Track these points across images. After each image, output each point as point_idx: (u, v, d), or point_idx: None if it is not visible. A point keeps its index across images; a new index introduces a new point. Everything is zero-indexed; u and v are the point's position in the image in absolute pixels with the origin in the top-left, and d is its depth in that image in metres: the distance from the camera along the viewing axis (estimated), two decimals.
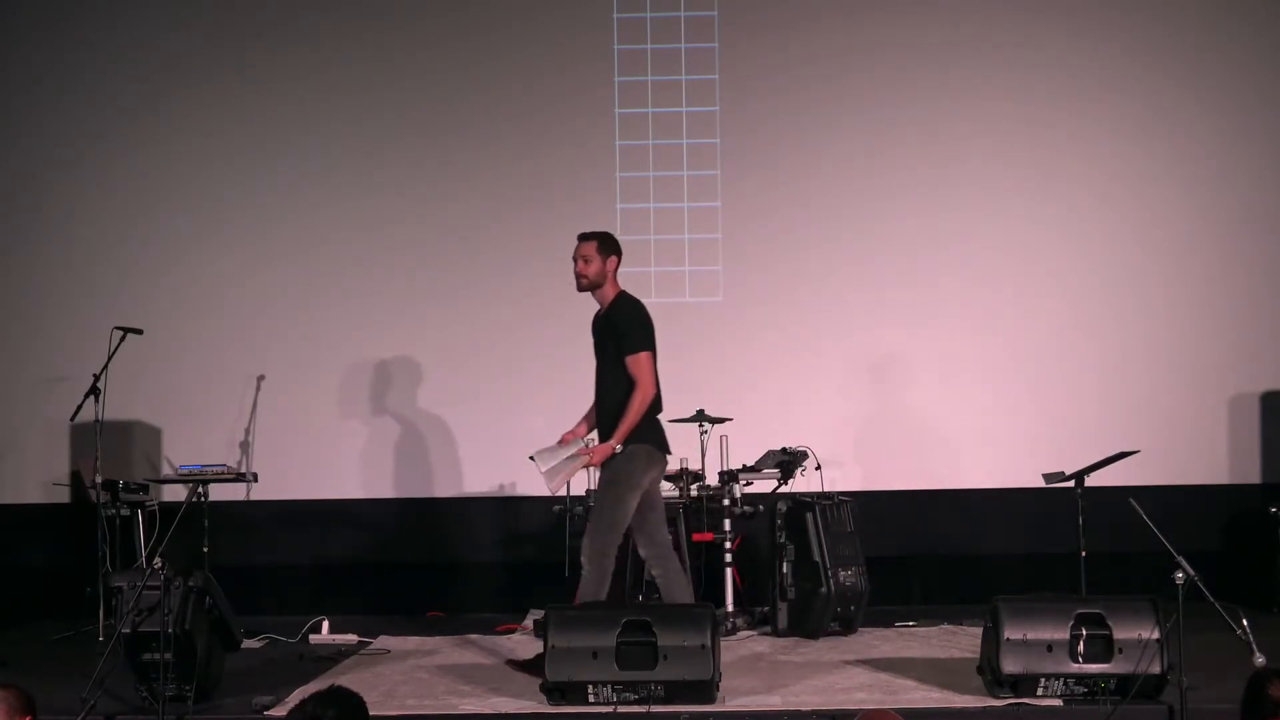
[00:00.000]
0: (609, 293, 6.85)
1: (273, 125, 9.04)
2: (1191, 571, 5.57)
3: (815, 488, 7.92)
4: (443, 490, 8.95)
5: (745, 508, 7.87)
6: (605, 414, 6.79)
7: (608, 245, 6.85)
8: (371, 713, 4.86)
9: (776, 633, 7.68)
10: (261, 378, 8.81)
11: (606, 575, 6.60)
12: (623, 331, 6.75)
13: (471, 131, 9.01)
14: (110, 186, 9.06)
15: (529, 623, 7.84)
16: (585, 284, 6.83)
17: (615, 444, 6.66)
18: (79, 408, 7.99)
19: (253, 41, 9.05)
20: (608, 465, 6.70)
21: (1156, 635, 5.79)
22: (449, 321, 8.96)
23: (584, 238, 6.87)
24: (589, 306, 9.31)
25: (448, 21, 9.05)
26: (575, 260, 6.84)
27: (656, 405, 6.82)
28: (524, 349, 8.89)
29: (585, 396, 8.73)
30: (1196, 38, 8.86)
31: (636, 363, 6.71)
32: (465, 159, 9.00)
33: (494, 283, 8.97)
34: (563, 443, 6.80)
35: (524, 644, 7.45)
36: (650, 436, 6.78)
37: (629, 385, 6.69)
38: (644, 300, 6.93)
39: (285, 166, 9.04)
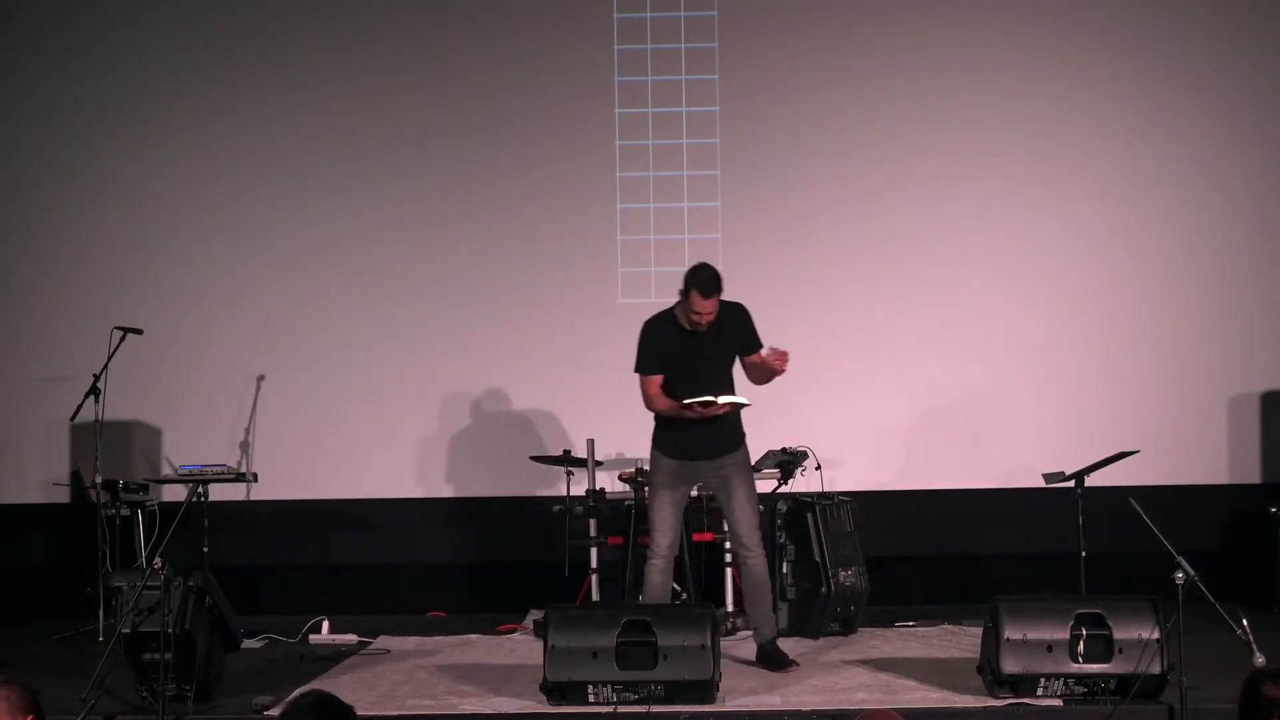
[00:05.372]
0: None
1: (274, 129, 9.01)
2: (1191, 571, 5.57)
3: (815, 488, 7.91)
4: (443, 490, 8.94)
5: None
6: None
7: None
8: (371, 713, 4.91)
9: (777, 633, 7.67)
10: (261, 378, 8.81)
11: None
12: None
13: (472, 132, 8.98)
14: (111, 188, 9.05)
15: (529, 623, 7.84)
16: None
17: None
18: (79, 408, 8.00)
19: (255, 48, 9.02)
20: None
21: (1156, 635, 5.79)
22: (448, 322, 8.95)
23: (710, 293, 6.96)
24: (588, 307, 9.31)
25: (447, 21, 9.03)
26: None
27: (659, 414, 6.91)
28: (523, 349, 8.87)
29: (582, 397, 8.75)
30: (1193, 41, 8.84)
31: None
32: (466, 160, 8.98)
33: (494, 282, 8.96)
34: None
35: (525, 644, 7.47)
36: (658, 441, 6.93)
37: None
38: (644, 301, 6.93)
39: (286, 168, 9.01)
